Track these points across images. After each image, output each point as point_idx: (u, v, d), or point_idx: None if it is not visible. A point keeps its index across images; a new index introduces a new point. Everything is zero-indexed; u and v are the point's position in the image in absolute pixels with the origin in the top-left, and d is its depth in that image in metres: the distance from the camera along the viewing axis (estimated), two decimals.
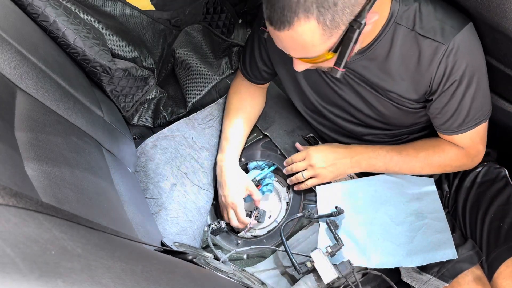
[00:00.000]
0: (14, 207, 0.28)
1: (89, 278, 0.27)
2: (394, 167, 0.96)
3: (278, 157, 1.09)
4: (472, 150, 0.91)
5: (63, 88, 0.75)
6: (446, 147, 0.92)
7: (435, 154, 0.93)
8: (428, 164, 0.94)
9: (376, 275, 0.89)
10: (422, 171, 0.96)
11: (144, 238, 0.75)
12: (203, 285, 0.50)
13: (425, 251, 0.86)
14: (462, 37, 0.74)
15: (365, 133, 0.99)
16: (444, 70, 0.76)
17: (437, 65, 0.76)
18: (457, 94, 0.80)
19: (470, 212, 0.95)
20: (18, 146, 0.53)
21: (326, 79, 0.92)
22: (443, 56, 0.75)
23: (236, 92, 1.12)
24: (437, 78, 0.78)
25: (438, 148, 0.93)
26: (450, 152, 0.92)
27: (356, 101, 0.92)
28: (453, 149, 0.92)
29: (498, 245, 0.87)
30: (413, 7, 0.76)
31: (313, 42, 0.66)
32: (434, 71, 0.77)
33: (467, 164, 0.95)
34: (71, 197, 0.56)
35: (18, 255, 0.24)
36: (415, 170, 0.96)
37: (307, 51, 0.69)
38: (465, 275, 0.85)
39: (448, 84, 0.78)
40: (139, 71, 1.08)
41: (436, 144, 0.93)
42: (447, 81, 0.78)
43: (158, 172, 1.02)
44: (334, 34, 0.66)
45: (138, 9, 1.18)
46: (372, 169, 0.98)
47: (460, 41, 0.74)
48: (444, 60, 0.75)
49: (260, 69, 1.05)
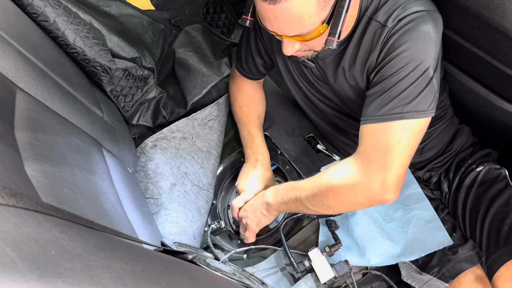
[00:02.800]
0: (14, 207, 0.28)
1: (89, 278, 0.27)
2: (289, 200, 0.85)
3: (278, 157, 1.09)
4: (375, 157, 0.72)
5: (63, 88, 0.75)
6: (338, 163, 0.79)
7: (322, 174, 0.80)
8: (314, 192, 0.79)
9: (376, 275, 0.89)
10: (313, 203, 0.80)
11: (144, 238, 0.75)
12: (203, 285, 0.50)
13: (420, 242, 0.87)
14: (408, 20, 0.70)
15: (352, 124, 0.98)
16: (383, 49, 0.73)
17: (380, 46, 0.73)
18: (391, 76, 0.72)
19: (470, 212, 0.95)
20: (18, 146, 0.53)
21: (307, 72, 0.93)
22: (385, 37, 0.72)
23: (239, 90, 1.11)
24: (379, 58, 0.74)
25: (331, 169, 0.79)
26: (339, 165, 0.78)
27: (333, 96, 0.93)
28: (345, 161, 0.77)
29: (498, 247, 0.87)
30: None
31: (309, 13, 0.66)
32: (377, 53, 0.74)
33: (359, 183, 0.73)
34: (71, 197, 0.56)
35: (18, 255, 0.24)
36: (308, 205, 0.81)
37: (302, 24, 0.68)
38: (466, 274, 0.85)
39: (385, 64, 0.73)
40: (139, 71, 1.08)
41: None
42: (383, 61, 0.73)
43: (158, 172, 1.02)
44: (327, 4, 0.66)
45: (138, 9, 1.18)
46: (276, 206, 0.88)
47: (406, 24, 0.70)
48: (385, 40, 0.72)
49: (256, 63, 1.05)
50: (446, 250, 0.88)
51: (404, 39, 0.70)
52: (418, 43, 0.69)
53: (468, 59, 0.86)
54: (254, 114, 1.08)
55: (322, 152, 1.08)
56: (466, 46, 0.85)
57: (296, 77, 0.99)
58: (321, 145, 1.09)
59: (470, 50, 0.84)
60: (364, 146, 0.74)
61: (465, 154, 1.03)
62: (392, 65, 0.71)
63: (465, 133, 1.03)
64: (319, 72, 0.89)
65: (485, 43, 0.80)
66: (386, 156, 0.71)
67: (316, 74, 0.91)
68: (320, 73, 0.90)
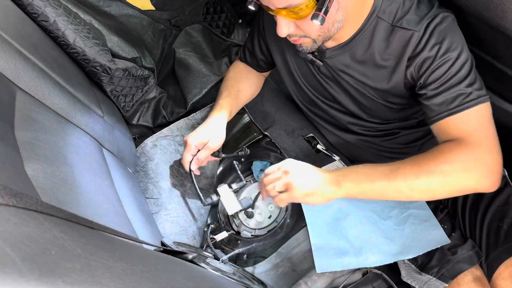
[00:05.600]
0: (14, 207, 0.28)
1: (89, 278, 0.27)
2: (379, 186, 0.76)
3: (278, 157, 1.09)
4: (476, 140, 0.73)
5: (63, 88, 0.75)
6: (441, 147, 0.76)
7: (431, 160, 0.75)
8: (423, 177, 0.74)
9: (377, 275, 0.89)
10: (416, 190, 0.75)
11: (144, 238, 0.75)
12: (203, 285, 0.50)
13: (418, 241, 0.87)
14: (436, 23, 0.73)
15: (357, 125, 1.00)
16: (424, 55, 0.74)
17: (411, 52, 0.75)
18: (442, 72, 0.74)
19: (469, 212, 0.95)
20: (18, 146, 0.53)
21: (314, 71, 0.93)
22: (417, 43, 0.74)
23: (233, 68, 1.12)
24: (419, 65, 0.76)
25: (434, 151, 0.76)
26: (447, 149, 0.74)
27: (341, 96, 0.94)
28: (451, 146, 0.74)
29: (497, 246, 0.87)
30: (397, 2, 0.76)
31: None
32: (410, 58, 0.76)
33: (475, 168, 0.72)
34: (71, 197, 0.56)
35: (18, 255, 0.24)
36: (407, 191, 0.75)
37: None
38: (465, 275, 0.85)
39: (435, 65, 0.74)
40: (139, 71, 1.08)
41: (433, 150, 0.77)
42: (431, 65, 0.75)
43: (158, 172, 1.02)
44: None
45: (138, 9, 1.19)
46: (358, 190, 0.78)
47: (435, 26, 0.73)
48: (421, 46, 0.74)
49: (257, 58, 1.07)
50: (445, 250, 0.88)
51: (444, 39, 0.73)
52: (455, 39, 0.73)
53: None
54: (234, 87, 1.06)
55: (322, 152, 1.08)
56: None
57: (297, 78, 1.00)
58: (321, 145, 1.09)
59: (469, 50, 0.84)
60: (462, 134, 0.74)
61: None
62: (446, 62, 0.73)
63: None
64: (328, 70, 0.90)
65: (485, 43, 0.80)
66: (490, 138, 0.73)
67: (324, 73, 0.92)
68: (330, 72, 0.90)
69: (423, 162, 0.74)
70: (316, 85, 0.97)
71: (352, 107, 0.95)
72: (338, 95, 0.94)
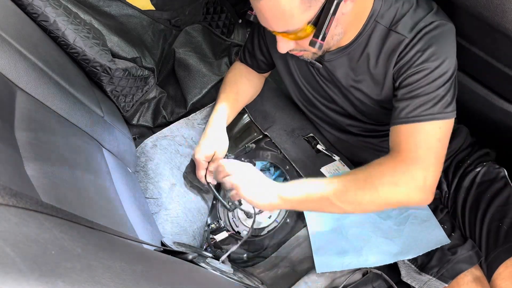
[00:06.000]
0: (14, 207, 0.28)
1: (89, 278, 0.27)
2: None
3: (278, 157, 1.09)
4: (414, 156, 0.73)
5: (63, 88, 0.75)
6: (374, 161, 0.77)
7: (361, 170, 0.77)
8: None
9: (377, 275, 0.89)
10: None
11: (144, 238, 0.75)
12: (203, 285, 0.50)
13: (418, 241, 0.87)
14: (427, 30, 0.73)
15: (356, 127, 1.00)
16: (405, 59, 0.75)
17: (396, 57, 0.76)
18: (415, 80, 0.75)
19: (469, 212, 0.95)
20: (18, 146, 0.53)
21: (314, 72, 0.94)
22: (404, 47, 0.75)
23: (232, 69, 1.12)
24: (399, 68, 0.77)
25: (366, 165, 0.77)
26: (382, 162, 0.76)
27: (340, 98, 0.94)
28: (386, 159, 0.76)
29: (497, 246, 0.87)
30: (396, 6, 0.77)
31: (291, 11, 0.67)
32: (395, 63, 0.77)
33: (404, 183, 0.73)
34: (71, 197, 0.56)
35: (18, 255, 0.24)
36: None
37: (286, 22, 0.69)
38: (465, 275, 0.85)
39: (414, 71, 0.75)
40: (139, 71, 1.08)
41: (371, 163, 0.78)
42: (407, 70, 0.76)
43: (158, 172, 1.02)
44: (313, 5, 0.67)
45: (138, 9, 1.19)
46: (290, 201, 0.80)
47: (425, 33, 0.73)
48: (406, 51, 0.75)
49: (257, 59, 1.07)
50: (445, 250, 0.88)
51: (429, 48, 0.73)
52: (440, 49, 0.73)
53: (468, 59, 0.86)
54: (233, 90, 1.06)
55: (322, 152, 1.08)
56: (466, 46, 0.85)
57: (297, 79, 1.00)
58: (321, 145, 1.09)
59: (469, 50, 0.85)
60: (404, 146, 0.75)
61: (463, 155, 1.03)
62: (421, 71, 0.73)
63: (463, 133, 1.03)
64: (327, 73, 0.90)
65: (485, 43, 0.80)
66: (429, 155, 0.73)
67: (323, 75, 0.92)
68: (329, 74, 0.90)
69: (357, 175, 0.76)
70: (316, 86, 0.97)
71: (351, 109, 0.95)
72: (337, 97, 0.95)
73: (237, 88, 1.07)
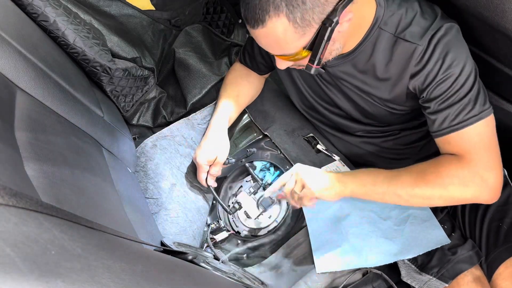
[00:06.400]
0: (14, 207, 0.28)
1: (89, 278, 0.27)
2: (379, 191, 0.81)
3: (278, 157, 1.09)
4: (476, 157, 0.75)
5: (63, 88, 0.75)
6: (441, 159, 0.79)
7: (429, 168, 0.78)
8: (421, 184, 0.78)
9: (377, 275, 0.89)
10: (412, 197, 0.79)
11: (144, 238, 0.75)
12: (203, 285, 0.50)
13: (418, 241, 0.87)
14: (440, 36, 0.73)
15: (358, 129, 1.00)
16: (426, 70, 0.75)
17: (413, 66, 0.76)
18: (445, 88, 0.75)
19: (469, 212, 0.95)
20: (18, 146, 0.53)
21: (316, 77, 0.94)
22: (421, 57, 0.74)
23: (232, 70, 1.13)
24: (420, 79, 0.76)
25: (434, 162, 0.79)
26: (447, 163, 0.77)
27: (343, 101, 0.94)
28: (451, 160, 0.77)
29: (497, 246, 0.87)
30: (399, 13, 0.76)
31: (286, 40, 0.69)
32: (414, 73, 0.76)
33: (474, 184, 0.74)
34: (71, 197, 0.56)
35: (18, 255, 0.24)
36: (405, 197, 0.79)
37: (282, 48, 0.71)
38: (465, 275, 0.85)
39: (440, 79, 0.75)
40: (139, 71, 1.08)
41: (434, 161, 0.80)
42: (433, 81, 0.75)
43: (157, 172, 1.02)
44: (307, 32, 0.68)
45: (138, 9, 1.19)
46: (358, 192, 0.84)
47: (438, 40, 0.73)
48: (424, 61, 0.74)
49: (257, 61, 1.08)
50: (445, 250, 0.88)
51: (447, 54, 0.72)
52: (458, 52, 0.73)
53: None
54: (233, 92, 1.07)
55: (322, 152, 1.08)
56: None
57: (298, 81, 1.00)
58: (321, 145, 1.09)
59: (469, 50, 0.84)
60: (463, 151, 0.76)
61: None
62: (447, 78, 0.73)
63: None
64: (330, 77, 0.90)
65: (485, 43, 0.80)
66: (490, 155, 0.75)
67: (326, 79, 0.92)
68: (332, 79, 0.91)
69: (423, 172, 0.78)
70: (318, 90, 0.97)
71: (353, 112, 0.95)
72: (339, 100, 0.95)
73: (237, 90, 1.08)
